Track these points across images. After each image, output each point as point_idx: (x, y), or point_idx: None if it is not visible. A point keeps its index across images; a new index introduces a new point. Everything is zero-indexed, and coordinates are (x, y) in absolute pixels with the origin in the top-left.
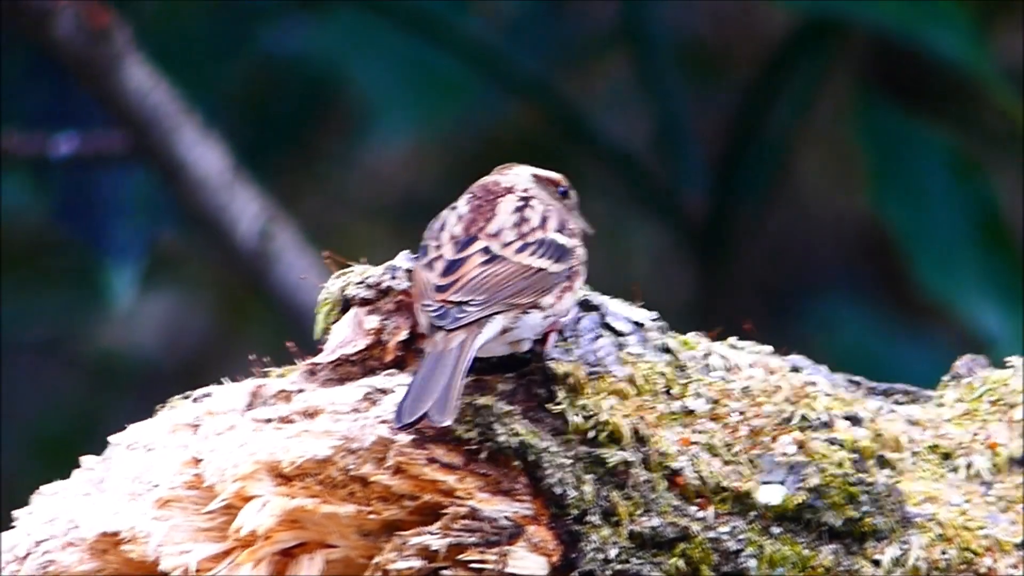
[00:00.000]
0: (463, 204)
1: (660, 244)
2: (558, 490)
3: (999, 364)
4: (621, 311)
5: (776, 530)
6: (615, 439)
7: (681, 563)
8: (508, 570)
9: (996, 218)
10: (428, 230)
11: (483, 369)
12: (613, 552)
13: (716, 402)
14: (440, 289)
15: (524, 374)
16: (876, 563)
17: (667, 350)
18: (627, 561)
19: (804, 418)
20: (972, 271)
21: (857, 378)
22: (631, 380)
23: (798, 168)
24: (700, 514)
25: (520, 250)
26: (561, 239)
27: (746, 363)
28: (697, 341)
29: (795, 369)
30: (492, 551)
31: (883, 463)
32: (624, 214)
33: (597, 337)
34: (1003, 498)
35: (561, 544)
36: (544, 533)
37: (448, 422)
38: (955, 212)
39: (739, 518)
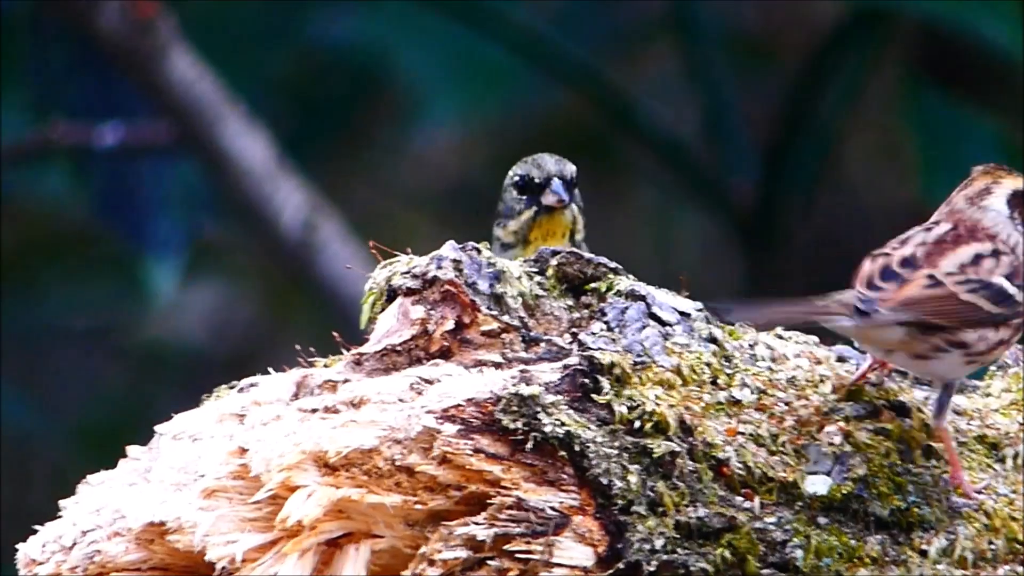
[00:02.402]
0: (941, 229)
1: (708, 233)
2: (604, 480)
3: None
4: (667, 301)
5: (823, 520)
6: (661, 429)
7: (727, 553)
8: (554, 560)
9: None
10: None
11: (528, 359)
12: (659, 543)
13: (762, 392)
14: (873, 287)
15: (569, 364)
16: (923, 553)
17: (713, 340)
18: (673, 552)
19: (850, 408)
20: None
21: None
22: (677, 370)
23: (847, 156)
24: (746, 504)
25: (960, 283)
26: (1007, 285)
27: (792, 353)
28: (743, 331)
29: (841, 359)
30: (538, 541)
31: (929, 453)
32: (672, 203)
33: (643, 327)
34: None
35: (607, 534)
36: (590, 523)
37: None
38: None
39: (785, 508)
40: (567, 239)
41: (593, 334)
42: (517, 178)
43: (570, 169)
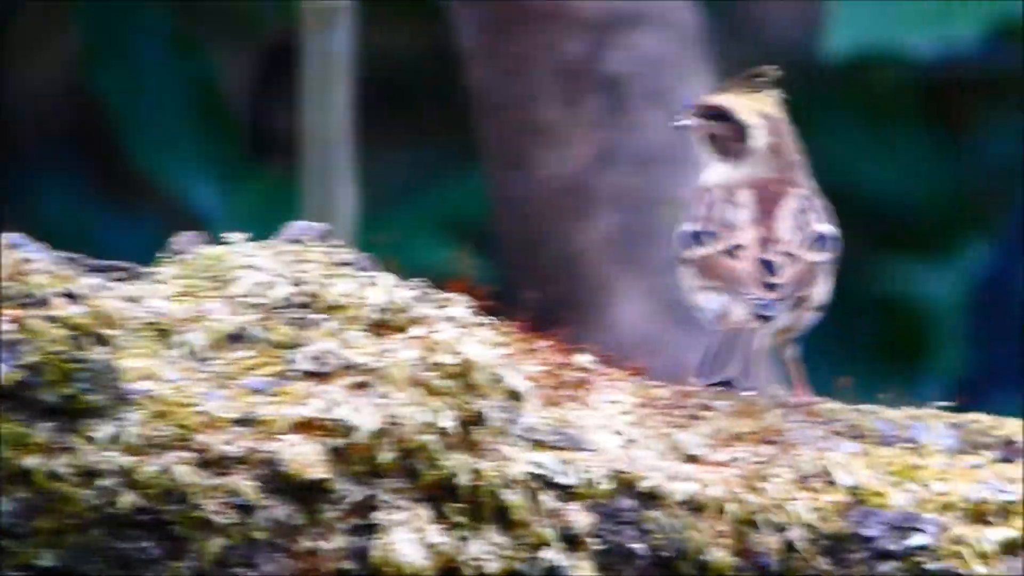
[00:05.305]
0: (744, 197)
1: None
2: None
3: (218, 241)
4: None
5: None
6: None
7: None
8: None
9: (215, 97)
10: (693, 209)
11: None
12: None
13: None
14: (769, 287)
15: None
16: (91, 439)
17: None
18: None
19: (22, 295)
20: (188, 148)
21: (74, 255)
22: None
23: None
24: None
25: (803, 244)
26: (830, 229)
27: None
28: None
29: (13, 245)
30: None
31: (101, 340)
32: None
33: None
34: (220, 374)
35: None
36: None
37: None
38: (172, 89)
39: None
40: None
41: None
42: None
43: None
